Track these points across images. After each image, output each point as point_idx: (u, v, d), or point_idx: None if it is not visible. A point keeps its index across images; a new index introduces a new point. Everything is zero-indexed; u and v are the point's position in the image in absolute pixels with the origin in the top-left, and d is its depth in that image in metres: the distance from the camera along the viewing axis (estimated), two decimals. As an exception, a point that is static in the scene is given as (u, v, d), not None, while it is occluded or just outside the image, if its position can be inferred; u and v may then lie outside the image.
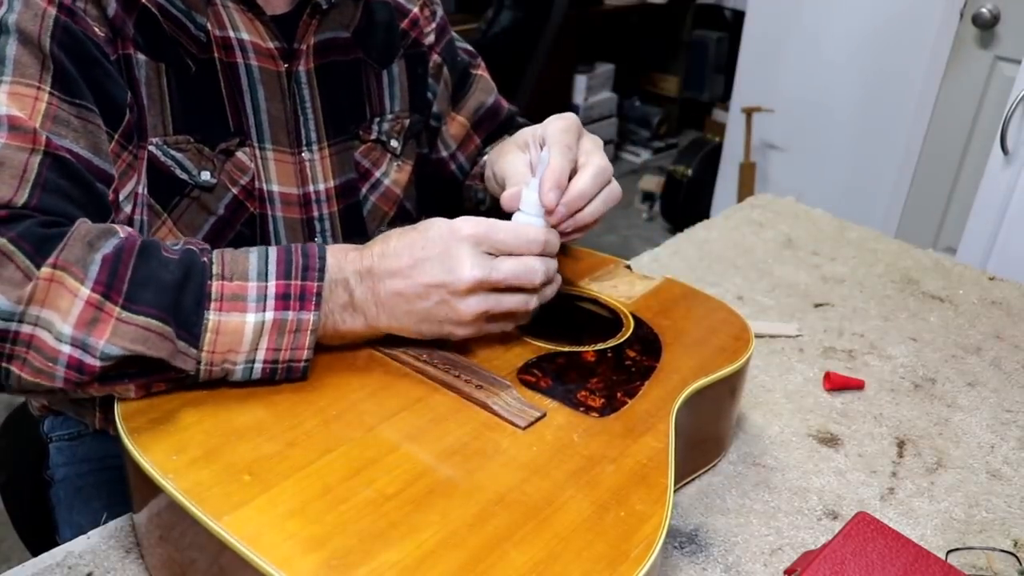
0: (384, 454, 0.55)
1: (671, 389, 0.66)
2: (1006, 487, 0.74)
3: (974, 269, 1.12)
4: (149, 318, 0.55)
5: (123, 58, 0.69)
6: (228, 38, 0.74)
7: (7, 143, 0.58)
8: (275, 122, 0.78)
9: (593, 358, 0.69)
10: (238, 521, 0.48)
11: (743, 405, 0.83)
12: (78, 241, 0.55)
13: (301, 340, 0.59)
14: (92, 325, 0.54)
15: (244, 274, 0.58)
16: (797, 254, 1.14)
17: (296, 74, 0.78)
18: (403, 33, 0.89)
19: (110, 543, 0.63)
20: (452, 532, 0.49)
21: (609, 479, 0.55)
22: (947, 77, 2.06)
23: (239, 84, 0.75)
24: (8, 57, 0.62)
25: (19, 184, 0.58)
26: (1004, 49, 1.95)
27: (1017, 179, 1.54)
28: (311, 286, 0.59)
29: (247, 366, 0.58)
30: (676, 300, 0.80)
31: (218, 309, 0.57)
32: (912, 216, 2.23)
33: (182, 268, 0.57)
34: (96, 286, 0.54)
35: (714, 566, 0.64)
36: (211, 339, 0.57)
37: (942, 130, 2.11)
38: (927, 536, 0.68)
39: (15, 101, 0.60)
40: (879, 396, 0.86)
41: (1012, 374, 0.90)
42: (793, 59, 2.33)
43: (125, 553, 0.63)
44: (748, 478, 0.74)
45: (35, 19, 0.63)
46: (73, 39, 0.65)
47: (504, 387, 0.63)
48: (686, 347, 0.72)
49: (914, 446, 0.79)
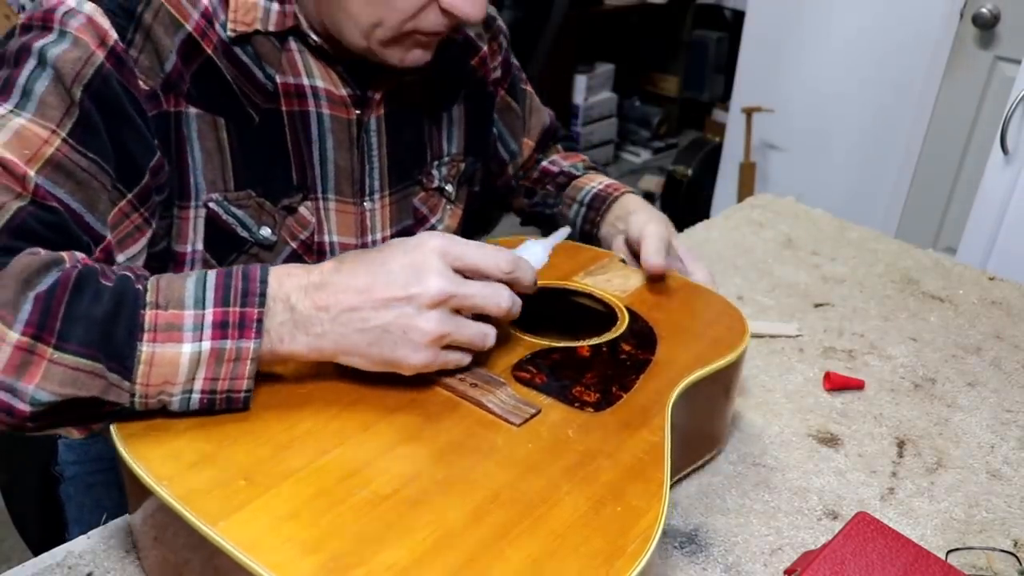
0: (379, 455, 0.55)
1: (667, 382, 0.65)
2: (1006, 487, 0.74)
3: (974, 269, 1.12)
4: (78, 357, 0.52)
5: (167, 116, 0.67)
6: (301, 85, 0.73)
7: None
8: (341, 172, 0.77)
9: (588, 353, 0.69)
10: (234, 526, 0.48)
11: (743, 405, 0.83)
12: (12, 279, 0.52)
13: (240, 370, 0.55)
14: (22, 370, 0.51)
15: (180, 302, 0.55)
16: (797, 254, 1.14)
17: (367, 123, 0.77)
18: (471, 71, 0.88)
19: (110, 543, 0.64)
20: (447, 532, 0.49)
21: (605, 474, 0.55)
22: (947, 77, 2.06)
23: (308, 133, 0.74)
24: (35, 93, 0.60)
25: None
26: (1004, 49, 1.95)
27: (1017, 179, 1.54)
28: (251, 312, 0.55)
29: (184, 397, 0.55)
30: (671, 293, 0.80)
31: (152, 340, 0.53)
32: (912, 216, 2.22)
33: (114, 299, 0.54)
34: (27, 328, 0.51)
35: (714, 566, 0.64)
36: (144, 371, 0.53)
37: (942, 130, 2.11)
38: (927, 536, 0.68)
39: (19, 142, 0.58)
40: (879, 396, 0.86)
41: (1012, 374, 0.90)
42: (793, 59, 2.33)
43: (125, 553, 0.63)
44: (748, 478, 0.74)
45: (76, 63, 0.61)
46: (109, 91, 0.63)
47: (499, 385, 0.63)
48: (681, 340, 0.72)
49: (914, 446, 0.79)
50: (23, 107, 0.60)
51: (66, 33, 0.62)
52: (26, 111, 0.60)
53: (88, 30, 0.62)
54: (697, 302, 0.79)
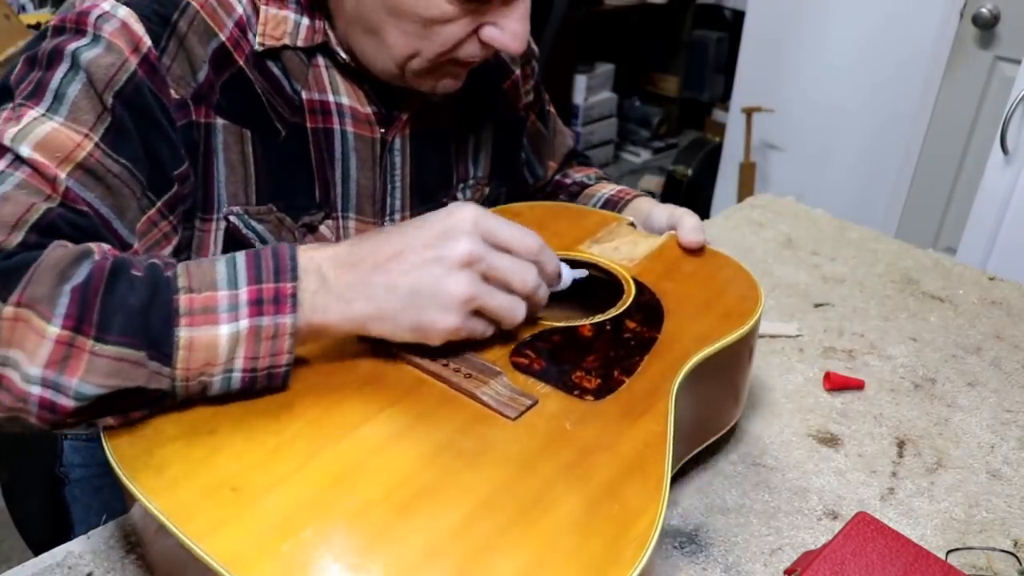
0: (369, 456, 0.53)
1: (671, 363, 0.62)
2: (1006, 487, 0.74)
3: (974, 269, 1.12)
4: (120, 347, 0.51)
5: (196, 126, 0.66)
6: (327, 102, 0.72)
7: (25, 180, 0.56)
8: (363, 192, 0.76)
9: (590, 333, 0.66)
10: (221, 542, 0.46)
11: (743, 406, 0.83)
12: (47, 272, 0.52)
13: (280, 345, 0.55)
14: (63, 364, 0.50)
15: (213, 284, 0.54)
16: (797, 254, 1.14)
17: (391, 142, 0.76)
18: (502, 95, 0.87)
19: (110, 543, 0.63)
20: (437, 541, 0.47)
21: (602, 471, 0.53)
22: (947, 77, 2.06)
23: (332, 151, 0.73)
24: (68, 96, 0.59)
25: (12, 227, 0.54)
26: (1004, 49, 1.95)
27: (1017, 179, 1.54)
28: (285, 287, 0.55)
29: (225, 377, 0.55)
30: (681, 259, 0.76)
31: (189, 324, 0.53)
32: (912, 216, 2.22)
33: (148, 287, 0.53)
34: (66, 321, 0.51)
35: (714, 566, 0.64)
36: (184, 356, 0.53)
37: (942, 130, 2.11)
38: (927, 536, 0.68)
39: (51, 144, 0.58)
40: (879, 396, 0.86)
41: (1012, 374, 0.90)
42: (793, 59, 2.33)
43: (125, 553, 0.63)
44: (748, 478, 0.74)
45: (109, 69, 0.60)
46: (140, 99, 0.62)
47: (494, 374, 0.60)
48: (690, 313, 0.68)
49: (914, 446, 0.79)
50: (55, 111, 0.59)
51: (100, 38, 0.61)
52: (58, 115, 0.59)
53: (122, 35, 0.61)
54: (708, 268, 0.75)
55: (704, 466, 0.75)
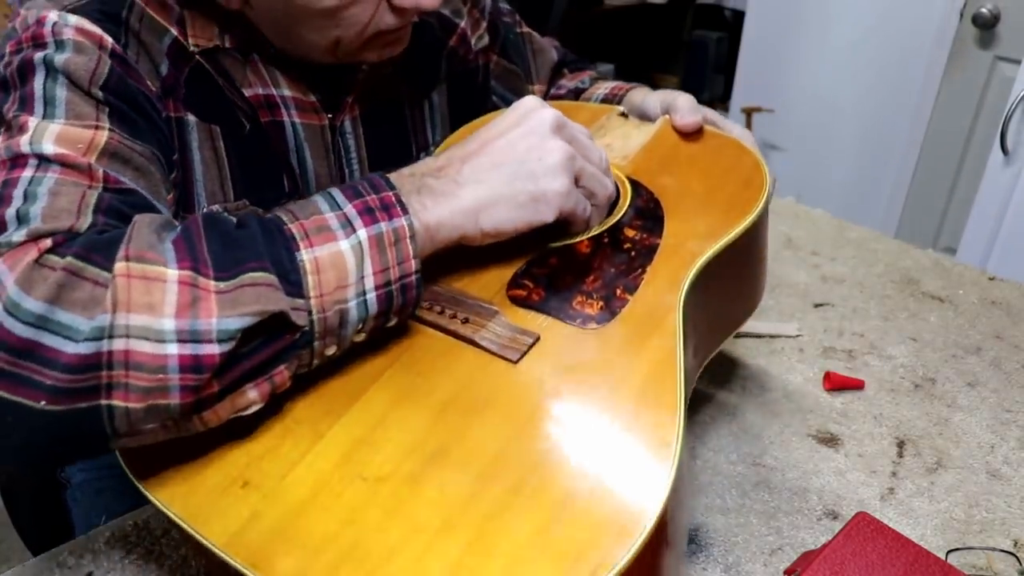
0: (373, 428, 0.51)
1: (676, 269, 0.58)
2: (1006, 487, 0.74)
3: (974, 269, 1.12)
4: (251, 273, 0.48)
5: (170, 120, 0.65)
6: (271, 96, 0.71)
7: (61, 178, 0.53)
8: (320, 180, 0.75)
9: (588, 249, 0.62)
10: (237, 542, 0.46)
11: (743, 405, 0.83)
12: (143, 230, 0.49)
13: (404, 250, 0.52)
14: (195, 306, 0.46)
15: (317, 210, 0.52)
16: (797, 254, 1.14)
17: (341, 126, 0.75)
18: (450, 53, 0.85)
19: (110, 543, 0.64)
20: (449, 512, 0.46)
21: (612, 411, 0.50)
22: (947, 77, 2.06)
23: (286, 143, 0.72)
24: (59, 98, 0.57)
25: (79, 211, 0.51)
26: (1004, 49, 1.95)
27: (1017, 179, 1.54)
28: (389, 195, 0.53)
29: (360, 299, 0.51)
30: (677, 148, 0.71)
31: (309, 246, 0.50)
32: (912, 216, 2.23)
33: (255, 223, 0.51)
34: (182, 264, 0.47)
35: (714, 566, 0.64)
36: (314, 281, 0.49)
37: (942, 130, 2.11)
38: (927, 536, 0.68)
39: (66, 139, 0.55)
40: (879, 396, 0.86)
41: (1012, 374, 0.90)
42: (793, 59, 2.33)
43: (125, 553, 0.63)
44: (748, 478, 0.74)
45: (87, 64, 0.59)
46: (126, 89, 0.60)
47: (492, 314, 0.57)
48: (691, 210, 0.63)
49: (914, 446, 0.79)
50: (53, 114, 0.56)
51: (64, 42, 0.59)
52: (57, 117, 0.56)
53: (84, 36, 0.60)
54: (706, 154, 0.70)
55: (704, 466, 0.75)
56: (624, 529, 0.44)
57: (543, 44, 0.98)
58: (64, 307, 0.45)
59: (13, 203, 0.50)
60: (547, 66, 0.97)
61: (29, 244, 0.47)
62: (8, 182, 0.52)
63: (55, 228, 0.49)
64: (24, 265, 0.46)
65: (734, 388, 0.86)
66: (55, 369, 0.44)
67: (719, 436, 0.79)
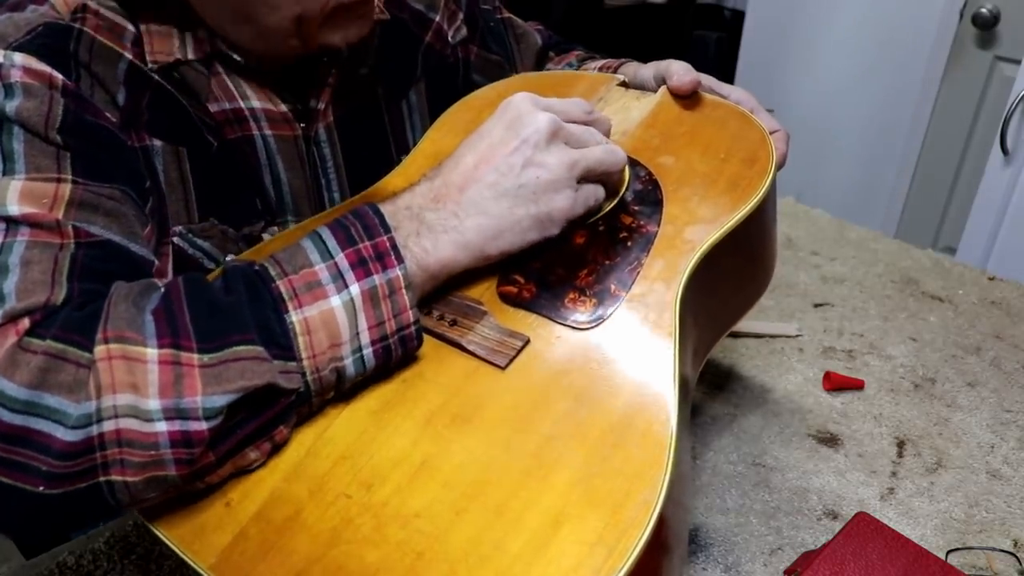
0: (357, 442, 0.50)
1: (674, 260, 0.56)
2: (1006, 487, 0.74)
3: (974, 269, 1.12)
4: (234, 347, 0.46)
5: (139, 149, 0.63)
6: (239, 109, 0.68)
7: (31, 241, 0.51)
8: (296, 194, 0.72)
9: (583, 239, 0.59)
10: (224, 563, 0.46)
11: (743, 405, 0.83)
12: (120, 304, 0.48)
13: (400, 302, 0.51)
14: (178, 384, 0.45)
15: (306, 261, 0.50)
16: (797, 254, 1.14)
17: (315, 135, 0.72)
18: (426, 49, 0.83)
19: (110, 543, 0.63)
20: (434, 533, 0.45)
21: (603, 418, 0.48)
22: (947, 77, 2.06)
23: (257, 159, 0.69)
24: (16, 153, 0.54)
25: (52, 282, 0.50)
26: (1004, 49, 1.95)
27: (1017, 179, 1.54)
28: (383, 241, 0.51)
29: (356, 356, 0.50)
30: (679, 122, 0.67)
31: (298, 307, 0.49)
32: (912, 216, 2.23)
33: (241, 283, 0.49)
34: (162, 340, 0.46)
35: (714, 566, 0.64)
36: (305, 342, 0.48)
37: (942, 130, 2.11)
38: (927, 536, 0.68)
39: (30, 198, 0.52)
40: (879, 396, 0.86)
41: (1012, 374, 0.90)
42: (793, 59, 2.33)
43: (125, 553, 0.63)
44: (748, 478, 0.74)
45: (39, 109, 0.56)
46: (84, 126, 0.58)
47: (480, 316, 0.55)
48: (693, 191, 0.60)
49: (914, 446, 0.79)
50: (12, 170, 0.54)
51: (12, 86, 0.56)
52: (18, 173, 0.53)
53: (32, 76, 0.57)
54: (709, 126, 0.66)
55: (704, 466, 0.75)
56: (618, 542, 0.43)
57: (525, 28, 0.94)
58: (51, 391, 0.44)
59: None
60: (531, 51, 0.94)
61: (8, 327, 0.46)
62: None
63: (31, 305, 0.48)
64: (4, 350, 0.45)
65: (734, 388, 0.86)
66: (49, 455, 0.44)
67: (719, 436, 0.79)
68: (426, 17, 0.82)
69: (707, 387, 0.86)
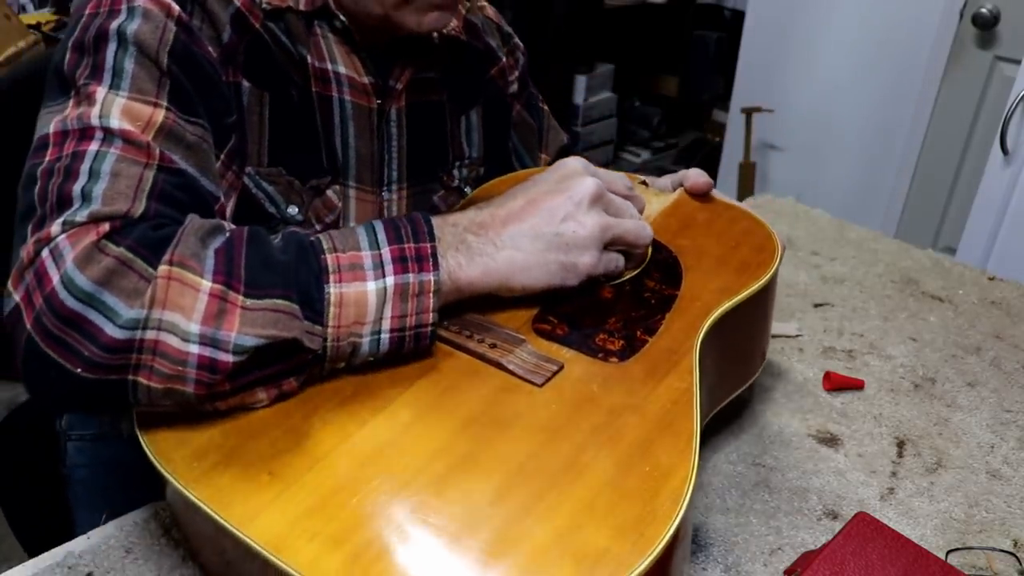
0: (401, 432, 0.53)
1: (693, 319, 0.63)
2: (1006, 487, 0.74)
3: (974, 269, 1.12)
4: (275, 299, 0.53)
5: (233, 85, 0.68)
6: (326, 70, 0.73)
7: (122, 155, 0.57)
8: (361, 160, 0.77)
9: (610, 295, 0.67)
10: (261, 526, 0.47)
11: (743, 406, 0.83)
12: (190, 236, 0.54)
13: (425, 303, 0.57)
14: (219, 318, 0.51)
15: (356, 245, 0.57)
16: (797, 254, 1.14)
17: (388, 112, 0.78)
18: (489, 81, 0.89)
19: (110, 543, 0.63)
20: (472, 514, 0.48)
21: (632, 432, 0.53)
22: (947, 77, 2.06)
23: (331, 119, 0.74)
24: (127, 71, 0.61)
25: (135, 196, 0.56)
26: (1004, 49, 1.95)
27: (1017, 179, 1.54)
28: (425, 247, 0.58)
29: (374, 338, 0.56)
30: (695, 215, 0.77)
31: (338, 281, 0.55)
32: (912, 216, 2.23)
33: (295, 248, 0.56)
34: (216, 276, 0.52)
35: (714, 566, 0.64)
36: (335, 313, 0.54)
37: (942, 130, 2.11)
38: (927, 536, 0.68)
39: (130, 115, 0.59)
40: (879, 396, 0.86)
41: (1012, 374, 0.90)
42: (793, 59, 2.33)
43: (125, 553, 0.63)
44: (748, 478, 0.74)
45: (155, 32, 0.62)
46: (190, 56, 0.64)
47: (518, 342, 0.61)
48: (707, 268, 0.69)
49: (914, 446, 0.79)
50: (119, 86, 0.60)
51: (135, 9, 0.63)
52: (123, 89, 0.60)
53: (154, 4, 0.63)
54: (722, 222, 0.76)
55: (704, 466, 0.75)
56: (642, 536, 0.46)
57: (557, 126, 1.03)
58: (111, 291, 0.51)
59: (79, 179, 0.55)
60: (557, 144, 1.01)
61: (90, 226, 0.53)
62: (77, 155, 0.57)
63: (113, 212, 0.54)
64: (84, 246, 0.52)
65: (734, 388, 0.86)
66: (95, 345, 0.50)
67: (719, 436, 0.79)
68: (496, 55, 0.90)
69: (707, 387, 0.86)
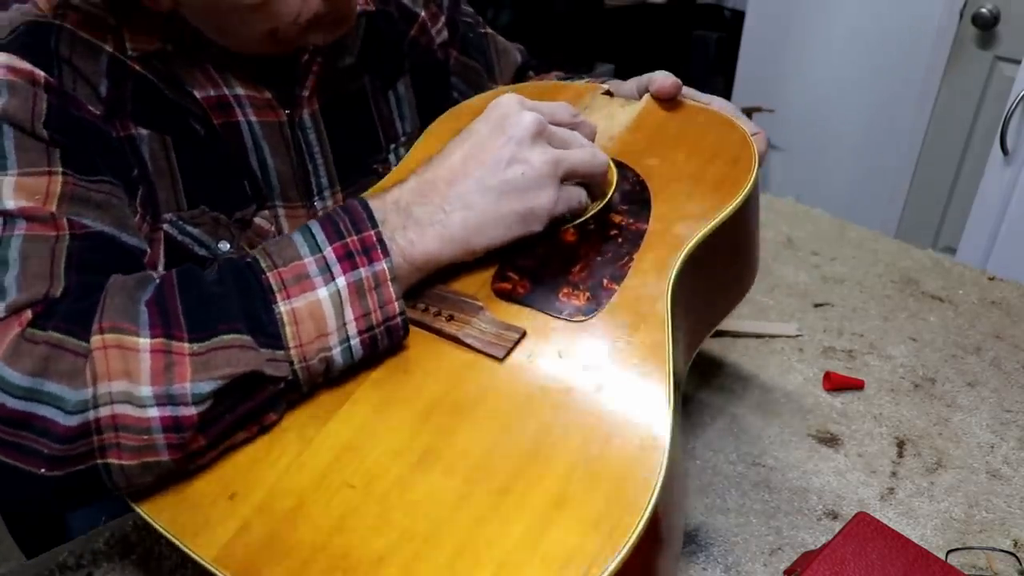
0: (359, 432, 0.51)
1: (664, 257, 0.57)
2: (1006, 487, 0.74)
3: (974, 269, 1.12)
4: (222, 335, 0.49)
5: (125, 139, 0.64)
6: (223, 96, 0.69)
7: (27, 235, 0.53)
8: (283, 178, 0.73)
9: (574, 238, 0.61)
10: (227, 555, 0.46)
11: (743, 405, 0.83)
12: (116, 296, 0.50)
13: (386, 294, 0.53)
14: (169, 372, 0.48)
15: (295, 254, 0.52)
16: (797, 254, 1.14)
17: (300, 120, 0.74)
18: (411, 43, 0.84)
19: (110, 543, 0.64)
20: (436, 521, 0.46)
21: (599, 405, 0.49)
22: (947, 77, 2.06)
23: (243, 144, 0.71)
24: (7, 151, 0.56)
25: (51, 274, 0.52)
26: (1004, 49, 1.95)
27: (1017, 179, 1.54)
28: (370, 235, 0.53)
29: (344, 346, 0.52)
30: (664, 126, 0.69)
31: (286, 298, 0.51)
32: (912, 216, 2.23)
33: (231, 276, 0.52)
34: (154, 330, 0.48)
35: (714, 566, 0.64)
36: (293, 332, 0.50)
37: (942, 130, 2.11)
38: (927, 536, 0.68)
39: (25, 191, 0.55)
40: (879, 396, 0.86)
41: (1012, 374, 0.90)
42: (793, 59, 2.33)
43: (125, 553, 0.63)
44: (748, 478, 0.74)
45: (25, 104, 0.58)
46: (69, 120, 0.60)
47: (476, 311, 0.56)
48: (679, 190, 0.62)
49: (914, 446, 0.79)
50: (4, 167, 0.56)
51: None
52: (9, 169, 0.56)
53: (15, 75, 0.59)
54: (693, 130, 0.68)
55: (704, 466, 0.75)
56: (614, 529, 0.44)
57: (507, 46, 0.96)
58: (51, 379, 0.47)
59: None
60: (511, 67, 0.96)
61: (11, 319, 0.49)
62: None
63: (32, 298, 0.51)
64: (9, 341, 0.48)
65: (734, 388, 0.86)
66: (50, 439, 0.47)
67: (719, 436, 0.79)
68: (411, 11, 0.84)
69: (707, 387, 0.86)
